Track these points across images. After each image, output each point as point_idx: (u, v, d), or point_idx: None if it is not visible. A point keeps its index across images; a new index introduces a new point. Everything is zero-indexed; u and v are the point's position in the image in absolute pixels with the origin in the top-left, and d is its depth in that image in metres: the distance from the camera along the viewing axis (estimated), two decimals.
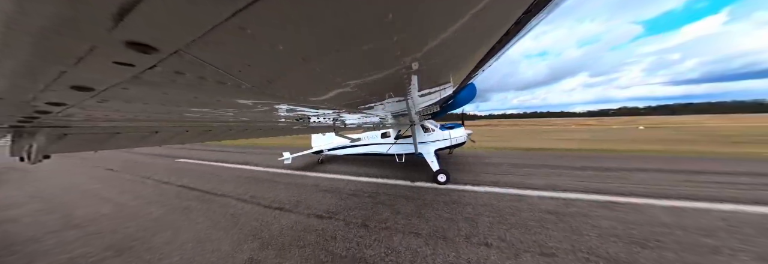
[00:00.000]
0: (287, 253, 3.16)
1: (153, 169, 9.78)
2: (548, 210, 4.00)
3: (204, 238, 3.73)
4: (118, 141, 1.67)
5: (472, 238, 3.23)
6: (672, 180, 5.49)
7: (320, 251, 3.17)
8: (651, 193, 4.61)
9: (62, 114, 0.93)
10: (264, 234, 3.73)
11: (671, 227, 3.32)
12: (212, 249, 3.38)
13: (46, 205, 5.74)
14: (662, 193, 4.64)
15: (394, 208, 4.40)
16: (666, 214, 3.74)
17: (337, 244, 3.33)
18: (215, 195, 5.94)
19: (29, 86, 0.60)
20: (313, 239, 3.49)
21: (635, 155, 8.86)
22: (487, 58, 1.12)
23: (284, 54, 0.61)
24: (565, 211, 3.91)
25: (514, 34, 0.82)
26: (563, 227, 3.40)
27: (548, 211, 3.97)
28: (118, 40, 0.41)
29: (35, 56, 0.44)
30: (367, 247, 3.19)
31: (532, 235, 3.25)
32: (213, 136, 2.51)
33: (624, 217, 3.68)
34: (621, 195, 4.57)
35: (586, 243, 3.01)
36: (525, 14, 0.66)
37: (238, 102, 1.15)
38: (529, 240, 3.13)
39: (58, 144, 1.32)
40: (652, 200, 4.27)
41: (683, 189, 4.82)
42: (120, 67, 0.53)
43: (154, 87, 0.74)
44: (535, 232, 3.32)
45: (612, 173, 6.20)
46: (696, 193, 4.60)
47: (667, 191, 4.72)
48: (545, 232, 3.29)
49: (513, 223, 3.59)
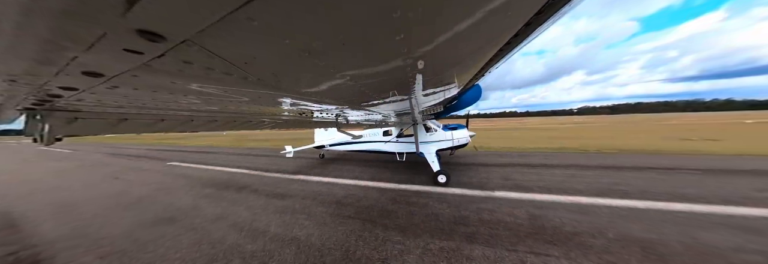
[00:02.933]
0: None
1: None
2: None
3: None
4: (125, 127, 1.72)
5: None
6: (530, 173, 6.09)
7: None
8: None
9: (74, 98, 0.95)
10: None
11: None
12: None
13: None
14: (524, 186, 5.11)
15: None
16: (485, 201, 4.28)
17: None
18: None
19: (43, 70, 0.62)
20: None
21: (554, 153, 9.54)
22: (495, 60, 1.11)
23: (291, 47, 0.62)
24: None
25: (524, 36, 0.81)
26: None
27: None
28: (128, 27, 0.42)
29: (49, 41, 0.45)
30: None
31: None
32: (217, 127, 2.55)
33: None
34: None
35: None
36: (536, 15, 0.65)
37: (243, 94, 1.17)
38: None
39: (68, 127, 1.36)
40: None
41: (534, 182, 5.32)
42: (130, 54, 0.55)
43: (162, 75, 0.75)
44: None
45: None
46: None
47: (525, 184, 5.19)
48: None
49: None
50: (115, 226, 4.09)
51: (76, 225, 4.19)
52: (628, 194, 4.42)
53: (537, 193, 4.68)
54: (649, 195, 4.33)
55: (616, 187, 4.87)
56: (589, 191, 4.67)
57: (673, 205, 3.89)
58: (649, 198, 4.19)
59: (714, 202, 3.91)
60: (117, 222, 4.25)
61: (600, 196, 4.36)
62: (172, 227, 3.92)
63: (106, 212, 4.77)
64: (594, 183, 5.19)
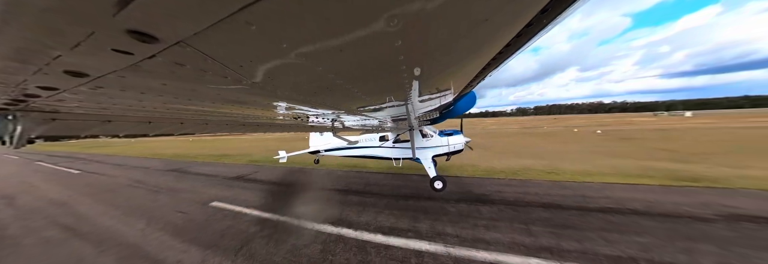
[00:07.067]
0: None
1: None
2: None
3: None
4: (108, 128, 1.63)
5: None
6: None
7: None
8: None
9: (53, 99, 0.90)
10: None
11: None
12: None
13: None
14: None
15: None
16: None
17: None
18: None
19: (20, 68, 0.58)
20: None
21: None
22: (489, 68, 1.13)
23: (288, 52, 0.61)
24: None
25: (516, 46, 0.83)
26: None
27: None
28: (119, 27, 0.40)
29: (30, 37, 0.42)
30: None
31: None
32: (209, 129, 2.47)
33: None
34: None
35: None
36: (527, 27, 0.67)
37: (237, 97, 1.13)
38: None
39: (43, 128, 1.28)
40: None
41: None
42: (118, 54, 0.52)
43: (153, 77, 0.72)
44: None
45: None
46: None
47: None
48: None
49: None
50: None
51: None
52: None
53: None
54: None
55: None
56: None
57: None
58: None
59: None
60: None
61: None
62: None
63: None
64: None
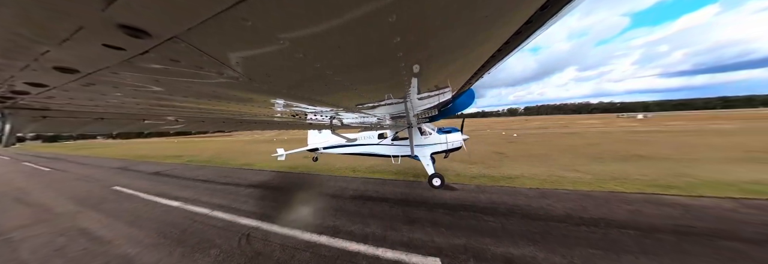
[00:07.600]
0: None
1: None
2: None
3: None
4: (100, 126, 1.60)
5: None
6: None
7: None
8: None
9: (42, 96, 0.87)
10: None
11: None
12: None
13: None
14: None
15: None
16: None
17: None
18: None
19: (6, 63, 0.56)
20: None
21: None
22: (488, 65, 1.13)
23: (285, 48, 0.59)
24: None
25: (515, 44, 0.83)
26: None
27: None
28: (109, 21, 0.38)
29: (16, 31, 0.40)
30: None
31: None
32: (205, 127, 2.43)
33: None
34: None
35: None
36: (526, 24, 0.66)
37: (234, 94, 1.11)
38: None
39: (33, 126, 1.24)
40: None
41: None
42: (110, 50, 0.50)
43: (146, 73, 0.70)
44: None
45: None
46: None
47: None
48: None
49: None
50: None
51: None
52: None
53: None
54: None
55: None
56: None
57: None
58: None
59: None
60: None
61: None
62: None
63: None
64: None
